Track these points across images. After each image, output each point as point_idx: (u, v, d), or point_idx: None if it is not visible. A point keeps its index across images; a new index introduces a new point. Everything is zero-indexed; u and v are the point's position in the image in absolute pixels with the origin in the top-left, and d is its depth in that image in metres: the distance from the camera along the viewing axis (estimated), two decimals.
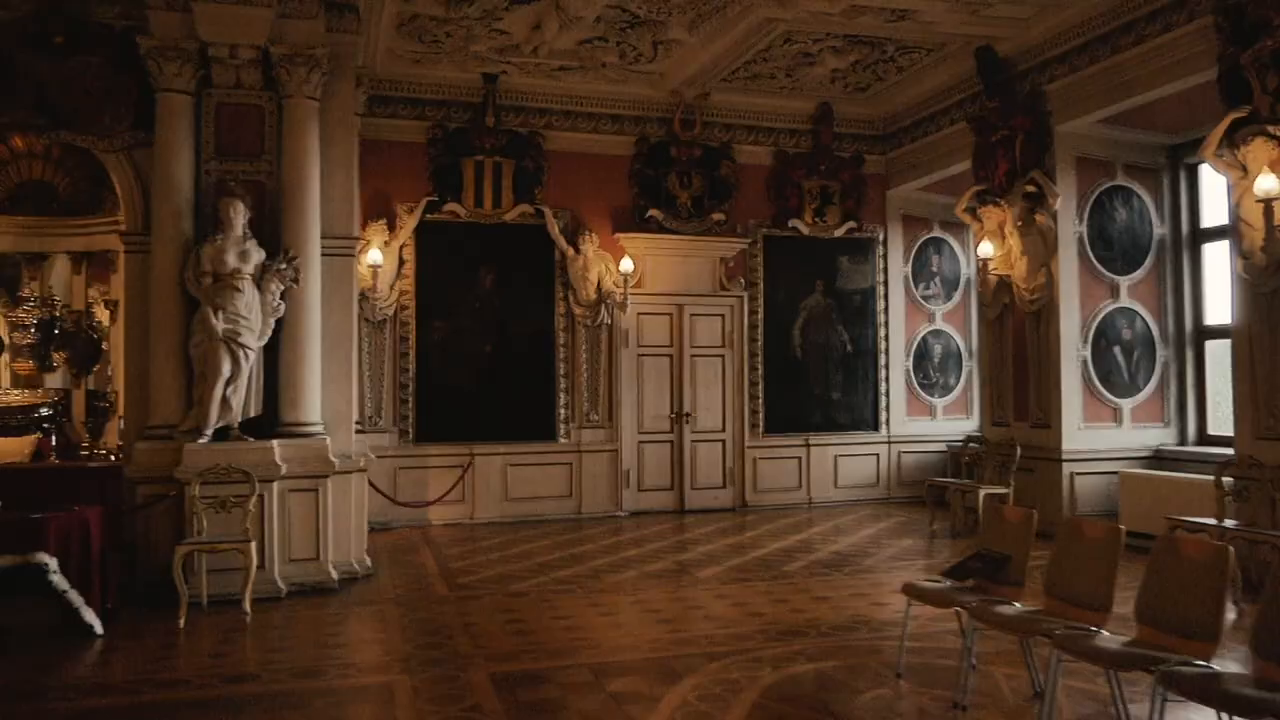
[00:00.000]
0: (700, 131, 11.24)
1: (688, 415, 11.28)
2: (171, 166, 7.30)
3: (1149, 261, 9.54)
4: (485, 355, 10.66)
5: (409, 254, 10.40)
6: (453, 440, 10.46)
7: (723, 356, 11.44)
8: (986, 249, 9.81)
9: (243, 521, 6.75)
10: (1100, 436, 9.33)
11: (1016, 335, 9.87)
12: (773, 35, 9.21)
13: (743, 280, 11.49)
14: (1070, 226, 9.34)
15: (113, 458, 9.06)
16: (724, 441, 11.43)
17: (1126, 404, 9.43)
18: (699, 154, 11.27)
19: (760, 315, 11.52)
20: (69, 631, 6.07)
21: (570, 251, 10.80)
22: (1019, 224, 9.53)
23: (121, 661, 5.57)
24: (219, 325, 7.02)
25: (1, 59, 7.26)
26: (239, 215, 7.20)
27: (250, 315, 7.15)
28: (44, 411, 9.22)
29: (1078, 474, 9.25)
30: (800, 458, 11.65)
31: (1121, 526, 4.56)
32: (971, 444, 10.36)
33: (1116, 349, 9.41)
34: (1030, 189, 9.39)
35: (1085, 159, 9.40)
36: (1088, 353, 9.35)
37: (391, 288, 10.26)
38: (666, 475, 11.25)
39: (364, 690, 5.05)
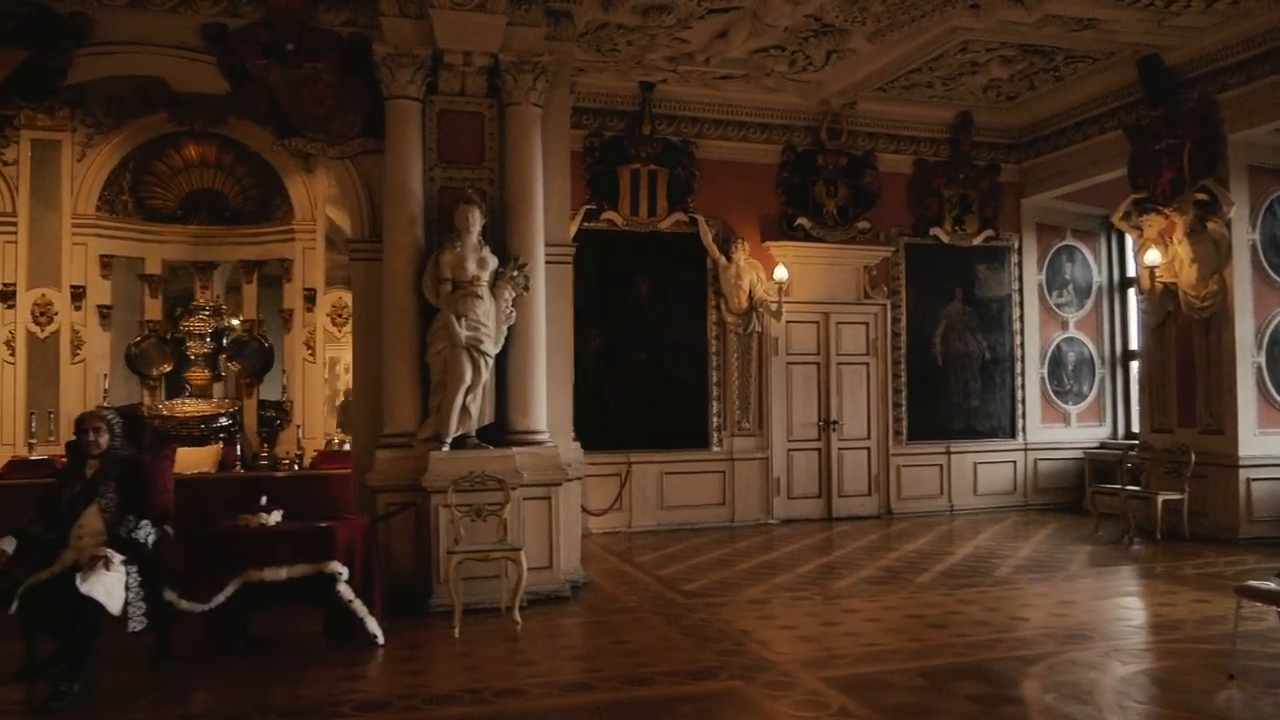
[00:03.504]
0: (846, 140, 11.30)
1: (834, 423, 11.30)
2: (403, 173, 7.29)
3: None
4: (640, 363, 10.65)
5: None
6: (610, 449, 10.40)
7: (867, 364, 11.48)
8: (1154, 257, 9.88)
9: (498, 530, 6.69)
10: (1276, 442, 9.40)
11: (1181, 342, 9.94)
12: (949, 44, 9.29)
13: (885, 288, 11.54)
14: (1244, 234, 9.43)
15: (295, 467, 8.97)
16: (869, 449, 11.45)
17: None
18: (844, 163, 11.33)
19: (903, 323, 11.57)
20: (349, 640, 6.00)
21: (723, 260, 10.82)
22: (1189, 232, 9.62)
23: (433, 671, 5.51)
24: (462, 333, 6.99)
25: (235, 66, 7.24)
26: (476, 222, 7.17)
27: (489, 322, 7.13)
28: (223, 421, 9.13)
29: (1254, 480, 9.32)
30: (941, 465, 11.68)
31: None
32: (1133, 450, 10.39)
33: None
34: (1201, 197, 9.48)
35: (1256, 167, 9.50)
36: (1262, 359, 9.43)
37: None
38: (814, 483, 11.26)
39: (714, 697, 5.00)
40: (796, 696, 4.93)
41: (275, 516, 6.00)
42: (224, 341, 9.60)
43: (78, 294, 9.07)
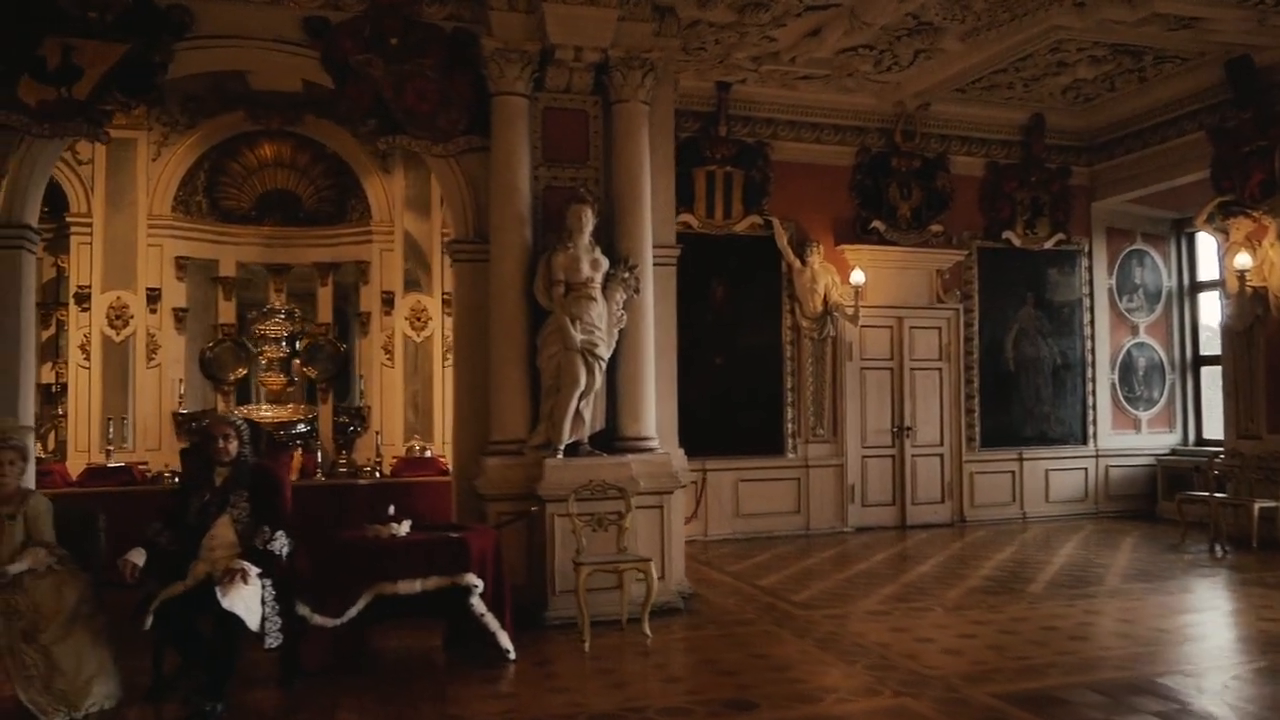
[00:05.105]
0: (919, 142, 11.13)
1: (908, 429, 11.11)
2: (511, 171, 7.08)
3: None
4: (716, 368, 10.43)
5: None
6: (687, 456, 10.17)
7: (940, 370, 11.29)
8: (1244, 260, 9.73)
9: (619, 539, 6.47)
10: None
11: (1270, 347, 9.79)
12: (1042, 44, 9.12)
13: (958, 292, 11.36)
14: None
15: (376, 474, 8.72)
16: (942, 455, 11.27)
17: None
18: (918, 165, 11.15)
19: (975, 328, 11.39)
20: (474, 655, 5.79)
21: (797, 264, 10.62)
22: None
23: (582, 689, 5.28)
24: (577, 336, 6.77)
25: (338, 60, 7.02)
26: (588, 222, 6.96)
27: (602, 325, 6.91)
28: (301, 428, 8.87)
29: None
30: (1014, 471, 11.50)
31: None
32: (1219, 456, 10.20)
33: None
34: None
35: None
36: None
37: None
38: (888, 490, 11.06)
39: (889, 714, 4.80)
40: (977, 714, 4.73)
41: (404, 527, 5.77)
42: (297, 346, 9.34)
43: (153, 296, 8.82)
